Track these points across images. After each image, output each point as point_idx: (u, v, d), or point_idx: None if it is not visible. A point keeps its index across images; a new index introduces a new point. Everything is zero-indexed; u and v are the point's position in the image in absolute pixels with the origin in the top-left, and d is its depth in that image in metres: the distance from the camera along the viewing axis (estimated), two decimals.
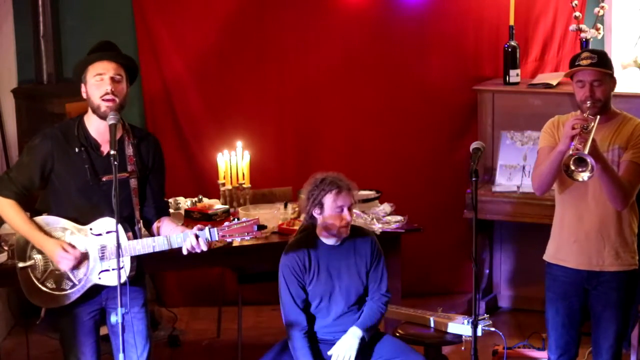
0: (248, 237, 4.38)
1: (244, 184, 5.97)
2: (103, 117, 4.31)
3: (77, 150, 4.35)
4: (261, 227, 4.37)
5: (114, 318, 4.06)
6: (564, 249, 4.66)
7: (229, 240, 4.38)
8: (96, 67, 4.33)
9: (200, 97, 7.00)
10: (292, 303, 4.77)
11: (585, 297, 4.67)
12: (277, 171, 6.92)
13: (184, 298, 7.06)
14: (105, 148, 4.36)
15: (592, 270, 4.61)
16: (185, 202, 5.85)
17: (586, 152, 4.32)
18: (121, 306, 4.04)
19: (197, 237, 4.29)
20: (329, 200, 4.73)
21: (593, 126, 4.42)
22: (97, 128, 4.38)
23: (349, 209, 4.75)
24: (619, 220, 4.58)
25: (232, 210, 5.78)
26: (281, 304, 4.82)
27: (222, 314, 6.48)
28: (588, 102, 4.50)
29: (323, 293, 4.81)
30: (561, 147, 4.46)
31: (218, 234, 4.32)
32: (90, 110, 4.39)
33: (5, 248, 5.15)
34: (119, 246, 4.14)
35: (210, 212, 5.55)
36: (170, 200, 5.85)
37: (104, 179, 4.35)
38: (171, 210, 5.72)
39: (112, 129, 4.24)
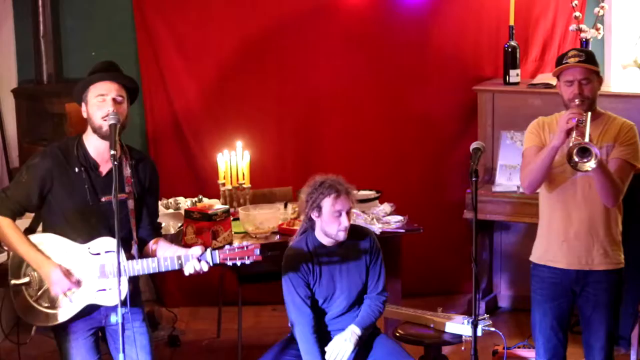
0: (249, 262, 4.37)
1: (244, 184, 5.97)
2: (104, 137, 4.29)
3: (77, 170, 4.33)
4: (263, 252, 4.37)
5: (114, 318, 4.05)
6: (552, 249, 4.66)
7: (229, 264, 4.37)
8: (98, 88, 4.31)
9: (201, 97, 7.00)
10: (301, 303, 4.75)
11: (573, 298, 4.66)
12: (277, 171, 6.92)
13: (184, 298, 7.07)
14: (104, 168, 4.36)
15: (581, 269, 4.60)
16: (185, 202, 5.85)
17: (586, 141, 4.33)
18: (122, 305, 4.03)
19: (199, 260, 4.30)
20: (327, 204, 4.73)
21: (587, 120, 4.42)
22: (96, 148, 4.36)
23: (347, 213, 4.75)
24: (607, 219, 4.60)
25: (232, 210, 5.78)
26: (288, 307, 4.79)
27: (222, 314, 6.49)
28: (577, 100, 4.51)
29: (325, 295, 4.81)
30: (555, 142, 4.46)
31: (219, 256, 4.33)
32: (89, 130, 4.36)
33: (5, 248, 5.14)
34: (119, 247, 4.11)
35: (210, 212, 5.54)
36: (170, 200, 5.86)
37: (103, 199, 4.33)
38: (171, 211, 5.72)
39: (112, 128, 4.22)
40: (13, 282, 4.39)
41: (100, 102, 4.29)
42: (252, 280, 6.06)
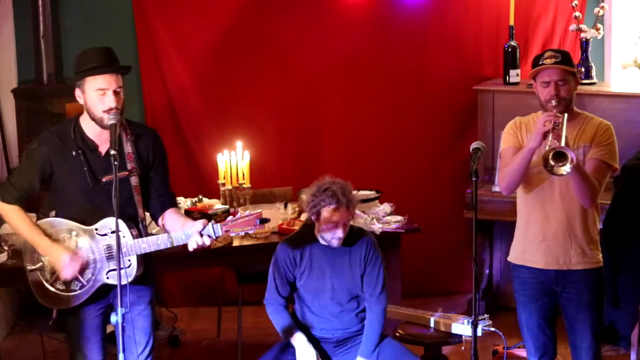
0: (251, 231, 4.44)
1: (244, 184, 5.98)
2: (105, 127, 4.30)
3: (74, 153, 4.35)
4: (264, 221, 4.38)
5: (114, 318, 4.06)
6: (530, 249, 4.66)
7: (232, 234, 4.41)
8: (98, 81, 4.30)
9: (201, 97, 7.00)
10: (274, 290, 4.86)
11: (556, 297, 4.66)
12: (277, 171, 6.92)
13: (184, 298, 7.07)
14: (103, 148, 4.36)
15: (559, 269, 4.60)
16: (185, 202, 5.86)
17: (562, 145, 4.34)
18: (121, 306, 4.04)
19: (201, 234, 4.31)
20: (325, 213, 4.73)
21: (563, 122, 4.43)
22: (93, 129, 4.37)
23: (344, 225, 4.75)
24: (584, 218, 4.59)
25: (232, 210, 5.78)
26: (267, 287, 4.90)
27: (222, 314, 6.49)
28: (553, 101, 4.51)
29: (315, 290, 4.83)
30: (532, 144, 4.46)
31: (221, 229, 4.35)
32: (86, 113, 4.38)
33: (5, 248, 5.15)
34: (119, 246, 4.14)
35: (210, 212, 5.55)
36: None
37: (103, 179, 4.34)
38: None
39: (113, 128, 4.24)
40: (29, 267, 4.44)
41: (101, 96, 4.30)
42: (252, 280, 6.06)
